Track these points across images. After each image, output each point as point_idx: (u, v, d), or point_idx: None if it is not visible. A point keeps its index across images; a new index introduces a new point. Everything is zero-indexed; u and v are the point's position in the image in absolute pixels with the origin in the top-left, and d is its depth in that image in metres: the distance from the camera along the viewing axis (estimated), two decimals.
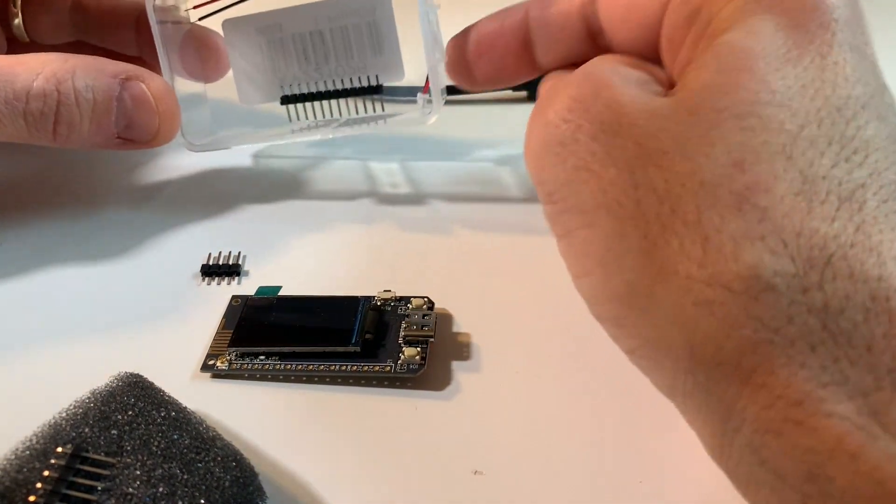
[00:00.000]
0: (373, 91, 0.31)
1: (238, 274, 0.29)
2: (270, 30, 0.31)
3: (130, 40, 0.33)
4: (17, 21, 0.32)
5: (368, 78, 0.30)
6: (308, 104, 0.31)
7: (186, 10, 0.32)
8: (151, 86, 0.28)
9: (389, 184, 0.34)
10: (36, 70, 0.26)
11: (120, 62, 0.28)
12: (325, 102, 0.31)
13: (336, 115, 0.31)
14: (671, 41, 0.22)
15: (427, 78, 0.28)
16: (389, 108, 0.31)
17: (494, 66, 0.27)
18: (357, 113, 0.31)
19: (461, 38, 0.27)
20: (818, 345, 0.16)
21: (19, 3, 0.32)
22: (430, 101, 0.29)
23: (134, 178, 0.34)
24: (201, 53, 0.32)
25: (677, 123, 0.19)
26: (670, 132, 0.19)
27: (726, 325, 0.17)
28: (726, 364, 0.17)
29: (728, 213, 0.17)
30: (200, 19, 0.32)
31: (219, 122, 0.34)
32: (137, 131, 0.28)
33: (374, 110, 0.31)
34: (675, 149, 0.18)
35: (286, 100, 0.31)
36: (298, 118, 0.31)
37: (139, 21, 0.33)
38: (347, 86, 0.31)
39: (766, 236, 0.17)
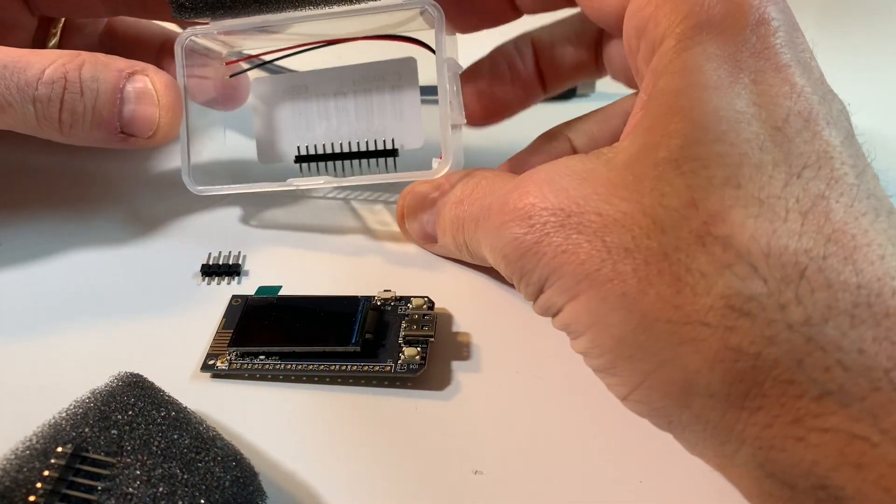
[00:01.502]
0: (388, 154, 0.30)
1: (238, 274, 0.29)
2: (296, 90, 0.31)
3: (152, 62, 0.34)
4: (54, 42, 0.33)
5: (385, 142, 0.30)
6: (321, 163, 0.31)
7: (221, 61, 0.32)
8: (155, 80, 0.28)
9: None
10: (50, 60, 0.26)
11: (130, 60, 0.28)
12: (338, 162, 0.31)
13: (348, 173, 0.31)
14: (630, 48, 0.23)
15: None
16: (400, 162, 0.31)
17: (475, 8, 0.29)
18: (369, 171, 0.31)
19: None
20: (804, 358, 0.16)
21: (60, 26, 0.33)
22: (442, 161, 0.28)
23: (134, 179, 0.34)
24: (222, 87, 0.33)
25: (626, 187, 0.20)
26: (623, 196, 0.20)
27: (709, 360, 0.17)
28: (717, 395, 0.17)
29: (692, 249, 0.18)
30: (232, 76, 0.33)
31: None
32: (139, 125, 0.28)
33: (386, 169, 0.31)
34: (633, 208, 0.19)
35: (300, 158, 0.31)
36: (310, 173, 0.31)
37: (163, 49, 0.34)
38: (363, 148, 0.30)
39: (732, 264, 0.17)
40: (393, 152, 0.30)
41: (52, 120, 0.27)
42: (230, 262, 0.29)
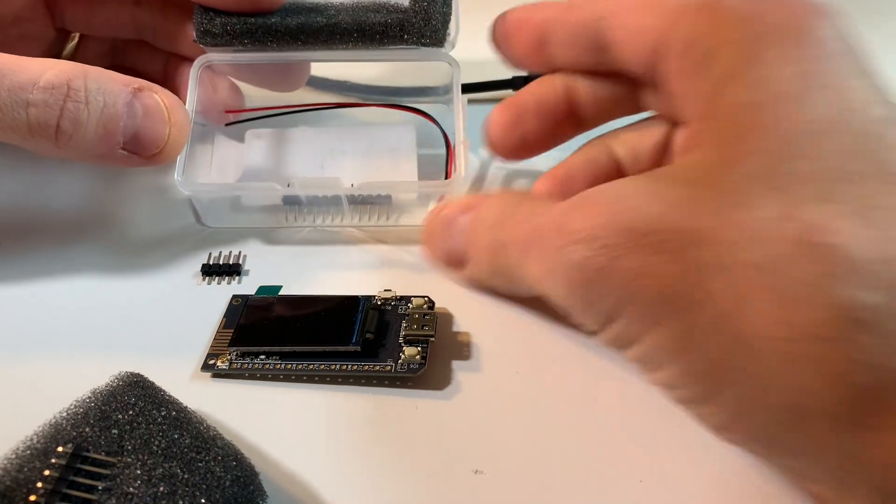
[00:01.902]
0: (382, 200, 0.30)
1: (238, 274, 0.29)
2: (290, 143, 0.32)
3: (160, 70, 0.34)
4: (70, 47, 0.33)
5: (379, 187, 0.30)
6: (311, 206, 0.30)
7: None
8: (164, 97, 0.27)
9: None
10: (48, 66, 0.25)
11: (133, 77, 0.27)
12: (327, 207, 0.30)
13: (335, 218, 0.30)
14: (667, 72, 0.22)
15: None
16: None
17: (515, 51, 0.28)
18: (360, 219, 0.30)
19: (501, 17, 0.28)
20: None
21: (77, 37, 0.33)
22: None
23: (133, 178, 0.34)
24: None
25: (707, 202, 0.18)
26: (706, 211, 0.18)
27: (828, 377, 0.16)
28: (837, 415, 0.16)
29: (795, 260, 0.17)
30: (228, 125, 0.33)
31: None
32: (144, 142, 0.27)
33: (379, 218, 0.30)
34: (721, 221, 0.18)
35: (289, 200, 0.30)
36: (296, 220, 0.31)
37: (170, 58, 0.34)
38: (355, 193, 0.29)
39: (845, 273, 0.16)
40: (386, 198, 0.30)
41: (49, 128, 0.25)
42: (230, 262, 0.29)
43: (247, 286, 0.28)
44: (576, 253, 0.19)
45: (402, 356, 0.24)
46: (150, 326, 0.27)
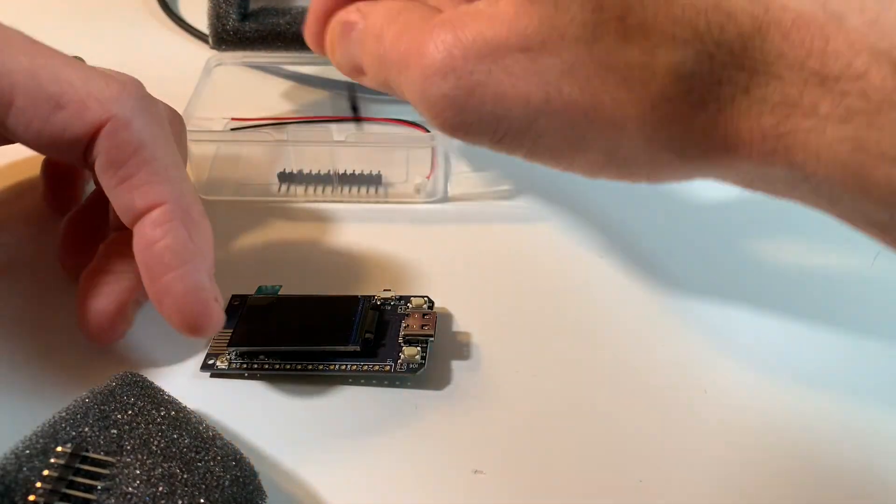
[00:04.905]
0: (373, 181, 0.32)
1: None
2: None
3: None
4: None
5: (371, 170, 0.32)
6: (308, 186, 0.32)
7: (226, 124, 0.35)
8: None
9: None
10: None
11: None
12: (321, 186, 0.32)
13: (331, 191, 0.32)
14: None
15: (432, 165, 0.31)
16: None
17: None
18: (350, 192, 0.32)
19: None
20: None
21: None
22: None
23: None
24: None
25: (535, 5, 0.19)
26: (537, 14, 0.18)
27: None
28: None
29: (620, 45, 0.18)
30: (234, 129, 0.34)
31: None
32: None
33: (368, 190, 0.32)
34: (550, 21, 0.18)
35: (284, 177, 0.32)
36: (288, 192, 0.32)
37: None
38: (349, 171, 0.32)
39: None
40: (377, 178, 0.32)
41: None
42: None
43: (246, 286, 0.28)
44: (440, 87, 0.20)
45: (402, 356, 0.24)
46: (149, 325, 0.27)
